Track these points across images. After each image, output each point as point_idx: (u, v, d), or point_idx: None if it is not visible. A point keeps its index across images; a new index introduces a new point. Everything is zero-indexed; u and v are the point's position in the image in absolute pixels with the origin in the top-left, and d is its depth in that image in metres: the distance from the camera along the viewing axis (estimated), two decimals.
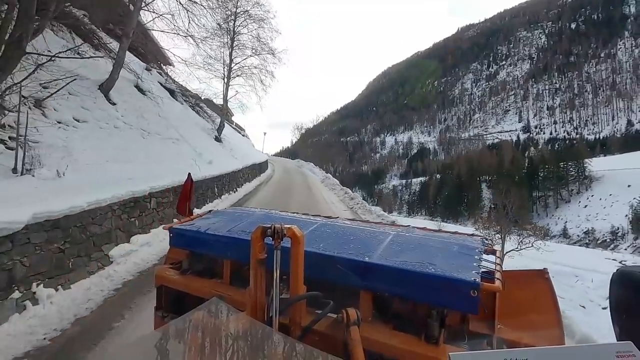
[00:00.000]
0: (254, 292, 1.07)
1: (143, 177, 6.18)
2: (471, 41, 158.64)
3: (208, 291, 1.41)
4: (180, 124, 11.61)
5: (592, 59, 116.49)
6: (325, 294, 1.14)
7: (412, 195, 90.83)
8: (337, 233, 1.56)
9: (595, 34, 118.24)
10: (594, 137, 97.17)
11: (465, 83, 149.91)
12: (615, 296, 0.77)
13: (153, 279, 1.67)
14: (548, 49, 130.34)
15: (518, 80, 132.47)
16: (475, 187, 69.07)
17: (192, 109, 16.68)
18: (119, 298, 3.97)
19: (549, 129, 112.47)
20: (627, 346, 0.56)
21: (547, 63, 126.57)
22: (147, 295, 3.83)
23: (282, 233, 1.00)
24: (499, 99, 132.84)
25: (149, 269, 4.76)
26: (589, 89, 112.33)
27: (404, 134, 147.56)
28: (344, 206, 12.89)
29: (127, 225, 5.23)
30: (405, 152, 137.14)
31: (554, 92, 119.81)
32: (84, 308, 3.61)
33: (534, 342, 1.18)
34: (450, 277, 1.08)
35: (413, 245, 1.39)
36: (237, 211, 2.06)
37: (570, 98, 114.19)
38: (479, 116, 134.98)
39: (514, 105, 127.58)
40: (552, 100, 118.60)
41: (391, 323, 1.21)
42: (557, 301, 1.34)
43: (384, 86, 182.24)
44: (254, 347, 0.93)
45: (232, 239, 1.50)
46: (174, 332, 0.97)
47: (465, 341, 1.17)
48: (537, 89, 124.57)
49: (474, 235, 1.66)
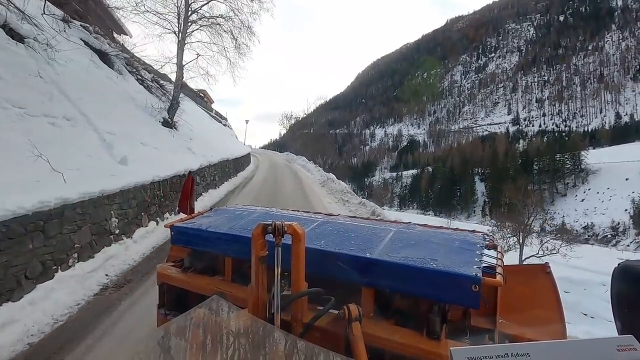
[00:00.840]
0: (256, 289, 1.07)
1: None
2: (460, 33, 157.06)
3: (210, 288, 1.42)
4: (89, 95, 7.25)
5: (580, 51, 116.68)
6: (327, 290, 1.15)
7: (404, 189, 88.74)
8: (338, 230, 1.56)
9: (583, 27, 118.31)
10: (583, 129, 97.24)
11: (455, 75, 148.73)
12: (617, 290, 0.77)
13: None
14: (537, 42, 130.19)
15: (507, 73, 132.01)
16: (469, 180, 67.17)
17: (142, 83, 12.20)
18: None
19: (538, 121, 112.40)
20: (628, 340, 0.56)
21: (535, 55, 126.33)
22: None
23: (283, 230, 1.01)
24: (488, 91, 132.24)
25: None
26: (577, 82, 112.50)
27: (394, 126, 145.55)
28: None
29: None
30: (395, 145, 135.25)
31: (543, 85, 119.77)
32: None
33: (536, 337, 1.18)
34: (452, 272, 1.09)
35: (414, 241, 1.39)
36: (237, 209, 2.08)
37: (559, 90, 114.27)
38: (468, 108, 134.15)
39: (503, 97, 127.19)
40: (541, 92, 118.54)
41: (393, 319, 1.22)
42: (559, 296, 1.34)
43: (373, 78, 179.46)
44: (255, 345, 0.93)
45: (233, 236, 1.51)
46: (176, 329, 0.98)
47: (467, 336, 1.17)
48: (526, 81, 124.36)
49: (475, 231, 1.64)
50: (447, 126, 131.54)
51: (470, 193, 63.42)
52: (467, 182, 67.09)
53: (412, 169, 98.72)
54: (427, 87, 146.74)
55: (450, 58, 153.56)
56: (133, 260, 5.08)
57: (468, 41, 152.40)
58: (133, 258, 5.13)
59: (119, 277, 4.55)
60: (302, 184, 15.33)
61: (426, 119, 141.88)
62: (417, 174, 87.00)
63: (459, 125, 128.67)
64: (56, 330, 3.31)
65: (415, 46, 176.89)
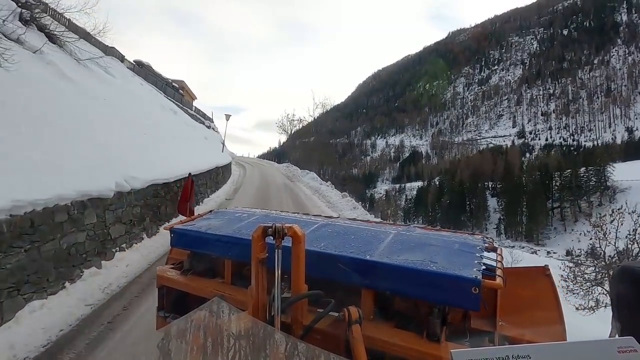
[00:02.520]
0: (256, 291, 1.06)
1: None
2: (462, 45, 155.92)
3: (209, 291, 1.41)
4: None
5: (586, 65, 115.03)
6: (327, 292, 1.14)
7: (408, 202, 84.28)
8: (338, 232, 1.55)
9: (588, 41, 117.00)
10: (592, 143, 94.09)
11: (458, 87, 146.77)
12: (617, 292, 0.76)
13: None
14: (540, 55, 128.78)
15: (511, 85, 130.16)
16: (480, 195, 62.53)
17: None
18: None
19: (545, 134, 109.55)
20: (628, 341, 0.55)
21: (540, 68, 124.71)
22: None
23: (283, 232, 1.00)
24: (492, 104, 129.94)
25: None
26: (583, 96, 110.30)
27: (395, 136, 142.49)
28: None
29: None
30: (397, 155, 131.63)
31: (548, 98, 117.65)
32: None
33: (535, 338, 1.16)
34: (452, 275, 1.08)
35: (414, 243, 1.39)
36: (237, 211, 2.02)
37: (565, 104, 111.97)
38: (472, 120, 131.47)
39: (508, 110, 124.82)
40: (547, 105, 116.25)
41: (393, 321, 1.21)
42: (559, 298, 1.34)
43: (375, 88, 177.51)
44: (256, 347, 0.92)
45: (233, 238, 1.50)
46: (176, 332, 0.99)
47: (467, 338, 1.17)
48: (531, 94, 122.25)
49: (474, 234, 1.63)
50: (450, 138, 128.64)
51: (482, 209, 58.71)
52: (478, 196, 62.52)
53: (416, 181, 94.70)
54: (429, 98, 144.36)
55: (453, 70, 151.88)
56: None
57: (471, 53, 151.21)
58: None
59: None
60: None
61: (428, 130, 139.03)
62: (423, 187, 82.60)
63: (462, 137, 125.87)
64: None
65: (417, 57, 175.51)
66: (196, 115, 24.93)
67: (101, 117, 7.90)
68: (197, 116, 24.83)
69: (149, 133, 10.08)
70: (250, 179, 17.01)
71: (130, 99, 12.59)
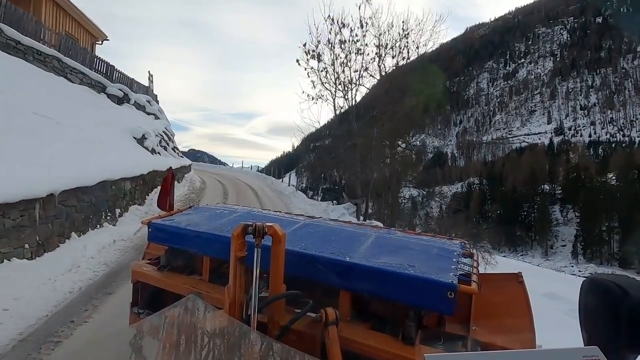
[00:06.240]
0: (233, 289, 1.05)
1: None
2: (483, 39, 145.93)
3: (186, 288, 1.39)
4: None
5: (628, 53, 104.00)
6: (305, 293, 1.14)
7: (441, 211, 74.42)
8: (319, 233, 1.55)
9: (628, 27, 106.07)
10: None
11: (481, 82, 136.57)
12: (584, 303, 0.78)
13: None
14: (573, 45, 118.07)
15: (542, 79, 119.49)
16: (541, 205, 51.71)
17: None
18: None
19: (587, 130, 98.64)
20: (593, 351, 0.57)
21: (574, 59, 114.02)
22: None
23: (263, 231, 0.99)
24: (522, 99, 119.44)
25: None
26: (629, 86, 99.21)
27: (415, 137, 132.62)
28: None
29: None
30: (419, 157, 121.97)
31: (587, 90, 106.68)
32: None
33: (507, 344, 1.19)
34: (428, 279, 1.10)
35: (394, 247, 1.41)
36: (218, 207, 1.99)
37: (607, 96, 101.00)
38: (500, 117, 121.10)
39: (541, 105, 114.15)
40: (586, 99, 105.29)
41: (369, 323, 1.22)
42: (530, 305, 1.37)
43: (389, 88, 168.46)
44: (230, 345, 0.92)
45: (212, 235, 1.47)
46: (149, 328, 0.96)
47: (441, 342, 1.19)
48: (566, 87, 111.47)
49: (452, 239, 1.67)
50: (477, 137, 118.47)
51: (546, 222, 48.06)
52: (536, 205, 51.84)
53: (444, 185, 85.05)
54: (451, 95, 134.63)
55: (474, 65, 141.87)
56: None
57: (493, 47, 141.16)
58: None
59: None
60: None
61: (452, 129, 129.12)
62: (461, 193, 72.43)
63: (491, 136, 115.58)
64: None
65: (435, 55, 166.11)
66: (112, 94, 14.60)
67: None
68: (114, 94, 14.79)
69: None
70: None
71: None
